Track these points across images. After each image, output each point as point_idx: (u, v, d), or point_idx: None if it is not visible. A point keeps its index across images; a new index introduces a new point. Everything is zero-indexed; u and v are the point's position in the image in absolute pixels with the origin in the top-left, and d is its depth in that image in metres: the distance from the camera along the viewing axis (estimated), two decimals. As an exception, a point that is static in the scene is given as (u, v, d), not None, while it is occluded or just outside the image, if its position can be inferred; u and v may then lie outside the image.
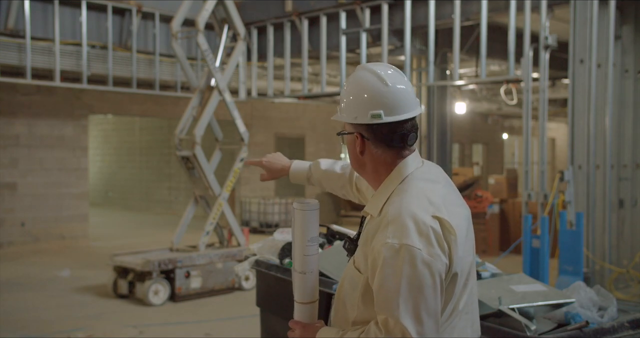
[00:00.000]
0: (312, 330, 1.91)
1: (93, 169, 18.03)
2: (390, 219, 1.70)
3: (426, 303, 1.64)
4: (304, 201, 1.98)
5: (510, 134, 20.60)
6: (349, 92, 1.88)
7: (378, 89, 1.80)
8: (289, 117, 15.04)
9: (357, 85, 1.86)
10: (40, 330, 5.98)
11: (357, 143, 1.85)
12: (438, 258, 1.66)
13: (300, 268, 1.99)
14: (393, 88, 1.80)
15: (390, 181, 1.83)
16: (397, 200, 1.75)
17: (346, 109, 1.87)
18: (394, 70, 1.86)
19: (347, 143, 1.91)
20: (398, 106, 1.80)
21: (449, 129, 8.98)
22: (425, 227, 1.67)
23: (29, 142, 11.05)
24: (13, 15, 8.11)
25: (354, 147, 1.87)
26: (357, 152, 1.87)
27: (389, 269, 1.65)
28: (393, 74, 1.84)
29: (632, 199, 6.66)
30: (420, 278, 1.63)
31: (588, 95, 6.33)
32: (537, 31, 6.74)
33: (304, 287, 2.01)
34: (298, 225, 1.95)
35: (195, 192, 8.02)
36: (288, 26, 9.12)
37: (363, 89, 1.83)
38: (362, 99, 1.82)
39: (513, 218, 10.44)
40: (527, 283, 3.00)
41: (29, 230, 11.01)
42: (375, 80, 1.82)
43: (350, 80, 1.89)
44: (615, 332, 2.72)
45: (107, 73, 8.99)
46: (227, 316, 6.58)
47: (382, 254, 1.65)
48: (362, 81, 1.85)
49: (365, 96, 1.82)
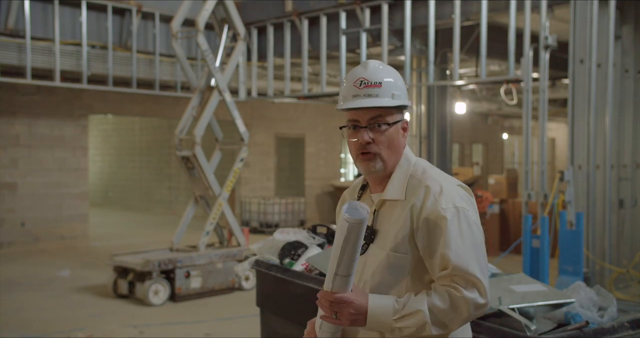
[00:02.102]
0: (361, 294, 1.81)
1: (93, 168, 18.02)
2: (436, 191, 1.84)
3: (484, 258, 1.84)
4: (355, 206, 1.78)
5: (510, 134, 20.60)
6: (396, 76, 1.94)
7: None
8: (289, 117, 15.03)
9: (396, 72, 1.96)
10: (40, 330, 5.98)
11: (402, 129, 1.94)
12: (478, 220, 1.87)
13: (345, 271, 1.81)
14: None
15: (401, 166, 1.94)
16: (426, 178, 1.89)
17: (403, 93, 1.93)
18: None
19: (392, 133, 1.91)
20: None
21: (449, 129, 8.98)
22: (463, 194, 1.88)
23: (29, 142, 11.05)
24: (13, 15, 8.12)
25: (399, 136, 1.93)
26: (402, 141, 1.94)
27: (454, 230, 1.79)
28: None
29: (632, 199, 6.66)
30: (476, 237, 1.83)
31: (588, 95, 6.33)
32: (537, 31, 6.74)
33: (347, 288, 1.84)
34: (354, 237, 1.77)
35: (195, 192, 8.02)
36: (288, 26, 9.12)
37: (399, 76, 1.96)
38: (404, 85, 1.95)
39: (513, 218, 10.44)
40: (527, 283, 3.00)
41: (29, 230, 11.01)
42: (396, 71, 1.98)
43: (385, 67, 1.95)
44: (615, 332, 2.72)
45: (107, 73, 8.99)
46: (227, 316, 6.58)
47: (445, 218, 1.79)
48: (394, 70, 1.96)
49: (404, 83, 1.97)
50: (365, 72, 1.90)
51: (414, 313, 1.77)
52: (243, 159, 8.11)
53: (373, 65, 1.92)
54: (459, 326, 1.82)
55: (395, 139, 1.91)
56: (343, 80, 1.99)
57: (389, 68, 1.95)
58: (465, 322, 1.82)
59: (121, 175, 18.54)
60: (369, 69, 1.91)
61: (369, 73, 1.90)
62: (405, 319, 1.78)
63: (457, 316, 1.79)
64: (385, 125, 1.89)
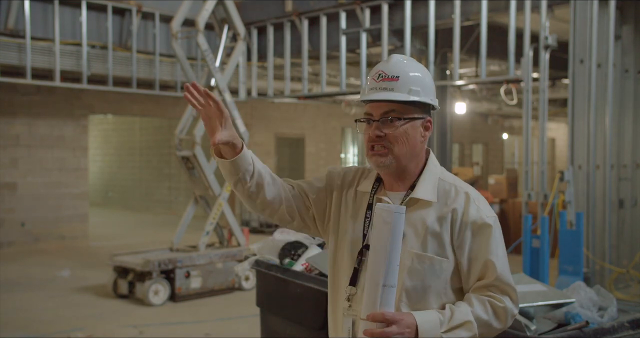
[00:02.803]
0: (409, 318, 1.73)
1: (93, 168, 18.02)
2: (474, 197, 1.85)
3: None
4: (388, 205, 1.73)
5: (510, 134, 20.59)
6: (422, 71, 1.87)
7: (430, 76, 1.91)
8: (289, 117, 15.03)
9: (422, 68, 1.89)
10: (40, 330, 5.98)
11: (423, 128, 1.87)
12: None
13: (392, 281, 1.70)
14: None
15: (430, 168, 1.90)
16: (460, 184, 1.89)
17: (425, 89, 1.84)
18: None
19: (406, 129, 1.82)
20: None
21: (449, 129, 8.98)
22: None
23: (29, 142, 11.05)
24: (13, 15, 8.11)
25: (416, 133, 1.85)
26: (419, 139, 1.86)
27: (497, 238, 1.81)
28: None
29: (632, 199, 6.65)
30: (504, 246, 1.87)
31: (588, 95, 6.33)
32: (537, 31, 6.74)
33: (393, 301, 1.73)
34: (396, 230, 1.68)
35: (195, 192, 8.01)
36: (288, 26, 9.12)
37: (427, 73, 1.89)
38: (431, 82, 1.88)
39: (513, 218, 10.43)
40: (527, 283, 3.00)
41: (29, 230, 11.01)
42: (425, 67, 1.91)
43: (411, 61, 1.89)
44: (615, 332, 2.72)
45: (107, 73, 8.99)
46: (227, 316, 6.58)
47: (491, 226, 1.81)
48: (421, 65, 1.89)
49: (432, 79, 1.90)
50: (386, 66, 1.84)
51: (463, 325, 1.74)
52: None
53: (396, 58, 1.87)
54: (495, 335, 1.82)
55: (411, 135, 1.82)
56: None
57: (415, 63, 1.88)
58: (500, 331, 1.82)
59: (121, 175, 18.54)
60: (391, 62, 1.85)
61: (389, 66, 1.84)
62: (455, 331, 1.73)
63: (497, 326, 1.79)
64: (399, 121, 1.81)
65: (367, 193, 1.93)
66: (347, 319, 1.86)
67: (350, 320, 1.85)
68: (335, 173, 2.03)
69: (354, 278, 1.86)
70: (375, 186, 1.93)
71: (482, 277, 1.80)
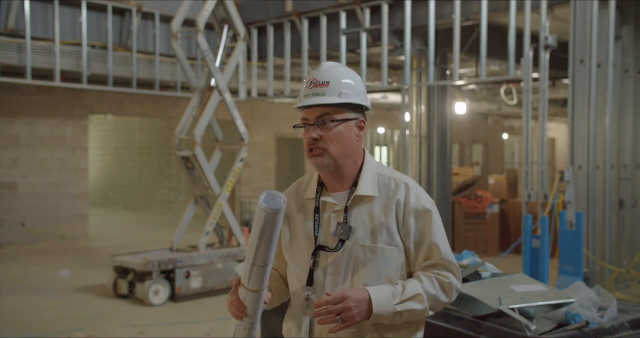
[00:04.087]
0: (361, 292, 1.86)
1: (93, 169, 18.02)
2: (412, 186, 1.99)
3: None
4: (272, 195, 1.83)
5: (510, 134, 20.59)
6: (351, 76, 1.99)
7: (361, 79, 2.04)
8: (289, 117, 15.03)
9: (352, 73, 2.01)
10: (40, 330, 5.98)
11: (357, 128, 1.98)
12: None
13: (262, 262, 1.86)
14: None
15: (368, 165, 2.02)
16: (397, 176, 2.02)
17: (355, 92, 1.97)
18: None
19: (340, 130, 1.94)
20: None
21: (449, 129, 8.98)
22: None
23: (29, 142, 11.05)
24: (13, 15, 8.11)
25: (350, 133, 1.96)
26: (354, 138, 1.98)
27: (437, 222, 1.97)
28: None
29: (632, 199, 6.66)
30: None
31: (588, 95, 6.33)
32: (537, 31, 6.74)
33: (264, 277, 1.89)
34: (271, 226, 1.82)
35: (195, 192, 8.01)
36: (288, 26, 9.12)
37: (357, 76, 2.01)
38: (361, 85, 2.00)
39: (513, 218, 10.43)
40: (527, 283, 3.00)
41: (29, 230, 11.01)
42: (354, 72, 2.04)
43: (340, 67, 2.00)
44: (615, 332, 2.72)
45: (107, 73, 8.99)
46: (227, 316, 6.55)
47: (430, 211, 1.97)
48: (351, 70, 2.02)
49: (362, 82, 2.01)
50: (317, 73, 1.97)
51: (415, 297, 1.88)
52: (243, 159, 8.11)
53: (326, 66, 1.99)
54: (441, 308, 1.98)
55: (345, 136, 1.94)
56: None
57: (344, 68, 2.00)
58: (446, 304, 1.98)
59: (121, 175, 18.54)
60: (321, 69, 1.98)
61: (320, 73, 1.96)
62: (407, 303, 1.87)
63: (444, 300, 1.95)
64: (332, 122, 1.92)
65: (312, 199, 2.05)
66: (305, 318, 1.98)
67: (308, 319, 1.97)
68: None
69: (310, 279, 1.97)
70: (318, 190, 2.04)
71: (428, 258, 1.96)
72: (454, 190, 10.10)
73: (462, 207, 10.31)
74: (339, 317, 1.81)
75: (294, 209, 2.08)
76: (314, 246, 1.99)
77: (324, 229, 1.99)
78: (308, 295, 1.97)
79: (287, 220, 2.08)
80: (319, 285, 1.96)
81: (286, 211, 2.06)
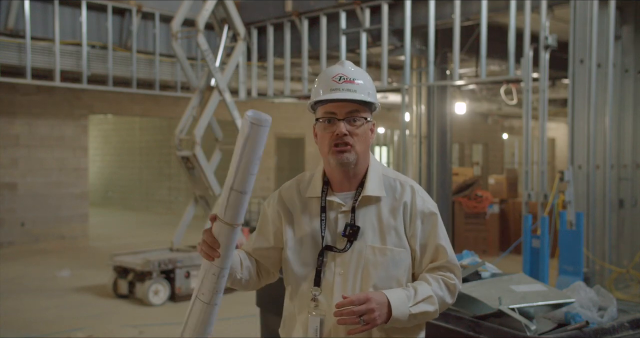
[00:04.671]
0: (380, 295, 1.85)
1: (93, 169, 18.02)
2: (417, 189, 2.02)
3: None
4: (259, 113, 1.74)
5: (510, 134, 20.59)
6: (370, 79, 2.00)
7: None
8: (289, 117, 15.03)
9: (367, 74, 2.01)
10: (40, 330, 5.98)
11: (369, 130, 1.98)
12: None
13: (241, 187, 1.77)
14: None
15: (373, 166, 2.02)
16: (403, 179, 2.03)
17: (373, 94, 1.99)
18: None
19: (365, 129, 1.95)
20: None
21: (449, 129, 8.97)
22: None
23: (29, 142, 11.05)
24: (13, 15, 8.11)
25: (368, 133, 1.98)
26: (369, 138, 1.99)
27: (441, 224, 2.01)
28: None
29: (632, 199, 6.66)
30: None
31: (588, 95, 6.33)
32: (537, 31, 6.74)
33: (240, 207, 1.80)
34: (252, 140, 1.73)
35: (195, 192, 8.01)
36: (288, 26, 9.12)
37: (371, 78, 2.01)
38: (373, 85, 2.00)
39: (513, 218, 10.43)
40: (527, 283, 3.00)
41: (29, 230, 11.01)
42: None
43: (359, 68, 2.01)
44: (615, 332, 2.72)
45: (107, 73, 8.99)
46: (227, 316, 6.58)
47: (436, 214, 2.00)
48: (365, 72, 2.03)
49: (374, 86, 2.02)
50: (344, 70, 1.96)
51: (427, 299, 1.90)
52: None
53: (350, 64, 1.99)
54: (445, 309, 2.00)
55: (367, 135, 1.96)
56: (317, 79, 2.03)
57: (362, 70, 2.02)
58: (449, 306, 2.00)
59: (121, 175, 18.54)
60: (347, 67, 1.97)
61: (346, 70, 1.96)
62: (420, 305, 1.88)
63: (449, 301, 1.97)
64: (362, 120, 1.93)
65: (317, 197, 2.01)
66: (314, 318, 1.94)
67: (318, 319, 1.93)
68: (271, 203, 2.11)
69: (318, 279, 1.95)
70: (324, 189, 2.01)
71: (434, 260, 1.99)
72: (454, 190, 10.10)
73: (462, 207, 10.32)
74: (362, 318, 1.79)
75: (297, 206, 2.04)
76: (321, 246, 1.96)
77: (330, 229, 1.97)
78: (315, 296, 1.94)
79: (290, 217, 2.04)
80: (327, 285, 1.94)
81: (288, 208, 2.05)
